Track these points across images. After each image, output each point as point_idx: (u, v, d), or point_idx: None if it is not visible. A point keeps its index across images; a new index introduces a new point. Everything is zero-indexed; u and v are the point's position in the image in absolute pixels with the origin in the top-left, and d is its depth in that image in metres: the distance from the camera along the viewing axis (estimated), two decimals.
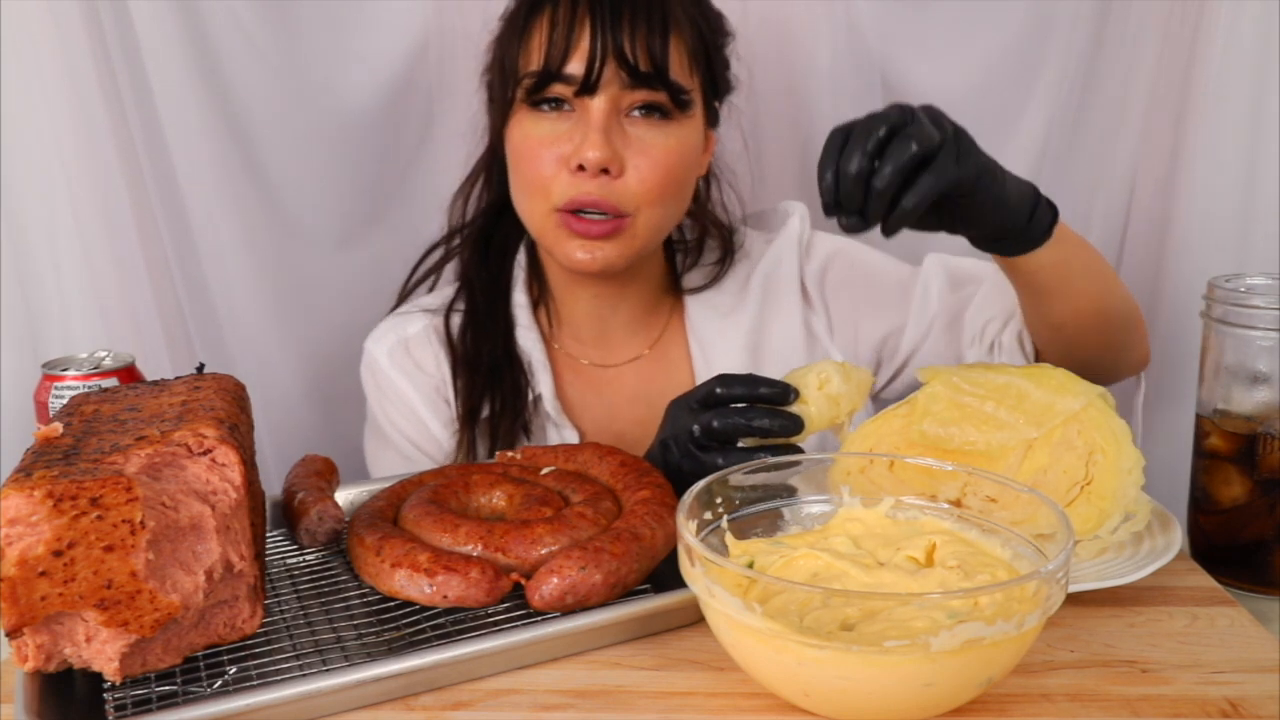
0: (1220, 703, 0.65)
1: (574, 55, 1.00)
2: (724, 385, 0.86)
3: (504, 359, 1.12)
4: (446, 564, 0.71)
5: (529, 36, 1.03)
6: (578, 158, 1.00)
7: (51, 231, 1.27)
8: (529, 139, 1.03)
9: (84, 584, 0.61)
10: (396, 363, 1.14)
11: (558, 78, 1.00)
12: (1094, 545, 0.79)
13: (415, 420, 1.14)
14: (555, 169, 1.02)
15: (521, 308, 1.15)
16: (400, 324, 1.16)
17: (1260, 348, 0.84)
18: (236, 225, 1.35)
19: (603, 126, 1.00)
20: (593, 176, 1.00)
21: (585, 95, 1.01)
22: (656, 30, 1.01)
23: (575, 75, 1.00)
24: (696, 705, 0.66)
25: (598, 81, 1.00)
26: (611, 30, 0.99)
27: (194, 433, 0.67)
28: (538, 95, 1.02)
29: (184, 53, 1.28)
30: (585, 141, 1.00)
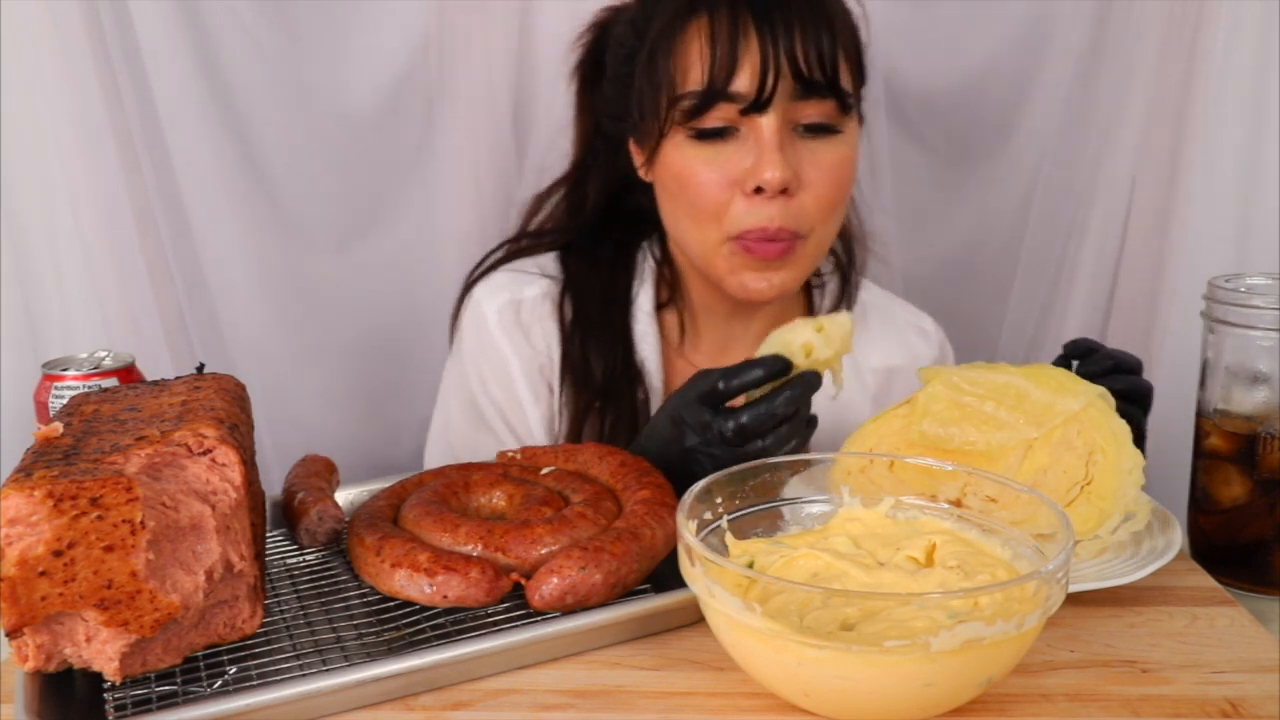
0: (1220, 703, 0.65)
1: (741, 71, 0.92)
2: (725, 380, 0.83)
3: (621, 372, 1.06)
4: (446, 564, 0.71)
5: (682, 50, 0.95)
6: (755, 180, 0.93)
7: (52, 232, 1.27)
8: (692, 164, 0.96)
9: (84, 584, 0.61)
10: (504, 325, 1.07)
11: (723, 96, 0.93)
12: (1094, 545, 0.79)
13: (511, 395, 1.08)
14: (728, 194, 0.95)
15: (644, 312, 1.09)
16: (517, 283, 1.09)
17: (1260, 348, 0.84)
18: (237, 225, 1.35)
19: (779, 145, 0.93)
20: (771, 199, 0.94)
21: (755, 113, 0.94)
22: (824, 34, 0.93)
23: (744, 93, 0.93)
24: (696, 705, 0.66)
25: (771, 98, 0.92)
26: (782, 39, 0.91)
27: (194, 433, 0.67)
28: (700, 119, 0.95)
29: (184, 53, 1.28)
30: (761, 162, 0.93)
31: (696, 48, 0.94)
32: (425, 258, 1.43)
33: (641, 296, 1.09)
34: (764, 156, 0.93)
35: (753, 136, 0.95)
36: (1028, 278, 1.49)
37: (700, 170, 0.96)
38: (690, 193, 0.97)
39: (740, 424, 0.82)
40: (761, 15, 0.92)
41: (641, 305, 1.09)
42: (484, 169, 1.40)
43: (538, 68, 1.38)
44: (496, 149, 1.40)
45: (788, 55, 0.92)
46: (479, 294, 1.10)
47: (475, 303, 1.09)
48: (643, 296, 1.09)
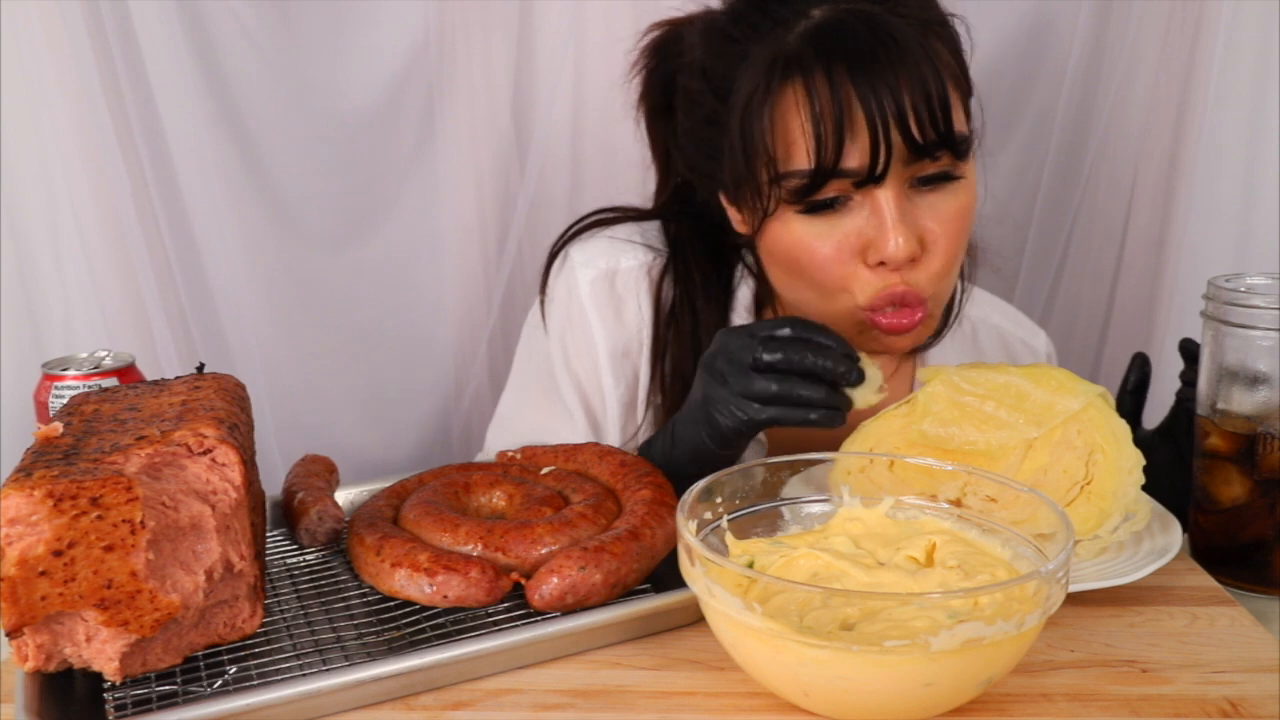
0: (1220, 703, 0.65)
1: (851, 146, 0.84)
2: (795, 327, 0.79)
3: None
4: (446, 564, 0.71)
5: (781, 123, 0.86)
6: (879, 255, 0.86)
7: (52, 231, 1.27)
8: (805, 239, 0.88)
9: (84, 584, 0.61)
10: (597, 296, 1.00)
11: (834, 174, 0.85)
12: (1094, 545, 0.79)
13: (593, 372, 1.02)
14: (850, 266, 0.88)
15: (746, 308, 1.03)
16: (614, 251, 1.02)
17: (1260, 348, 0.84)
18: (237, 224, 1.35)
19: (899, 217, 0.85)
20: (895, 270, 0.87)
21: (870, 185, 0.86)
22: (930, 78, 0.83)
23: (855, 169, 0.84)
24: (696, 705, 0.66)
25: (885, 172, 0.84)
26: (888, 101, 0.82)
27: (194, 432, 0.67)
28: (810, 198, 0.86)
29: (185, 52, 1.28)
30: (883, 236, 0.86)
31: (797, 122, 0.85)
32: (425, 257, 1.43)
33: (742, 290, 1.03)
34: (885, 231, 0.86)
35: (869, 205, 0.87)
36: (1029, 277, 1.49)
37: (816, 246, 0.88)
38: (809, 270, 0.90)
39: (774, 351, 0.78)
40: (860, 74, 0.83)
41: (741, 299, 1.03)
42: (484, 168, 1.40)
43: (538, 67, 1.38)
44: (496, 148, 1.40)
45: (898, 121, 0.83)
46: (575, 258, 1.02)
47: (570, 268, 1.02)
48: (743, 290, 1.03)
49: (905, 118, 0.83)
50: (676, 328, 1.01)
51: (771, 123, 0.86)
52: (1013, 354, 1.12)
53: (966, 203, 0.90)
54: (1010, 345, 1.12)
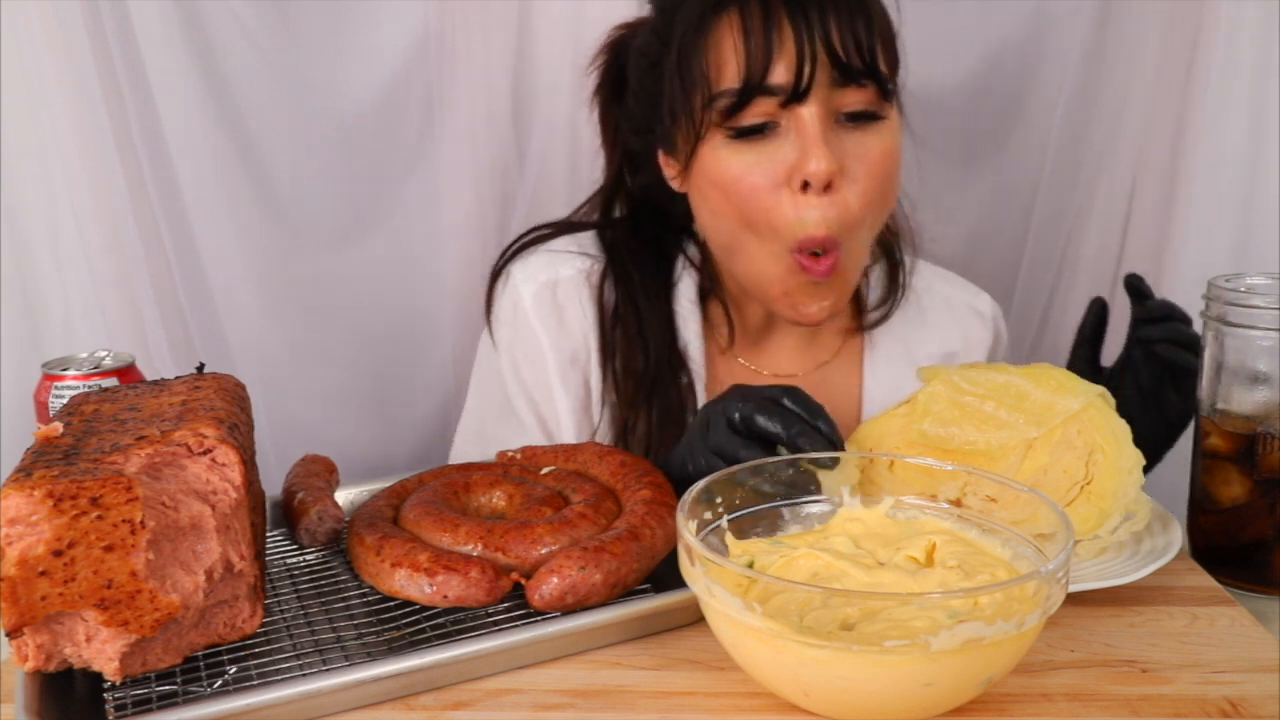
0: (1220, 703, 0.65)
1: (778, 62, 0.89)
2: (791, 398, 0.80)
3: (666, 366, 1.03)
4: (446, 564, 0.71)
5: (713, 48, 0.92)
6: (801, 174, 0.90)
7: (52, 231, 1.27)
8: (734, 167, 0.92)
9: (84, 584, 0.61)
10: (540, 308, 1.04)
11: (761, 90, 0.89)
12: (1094, 545, 0.79)
13: (543, 383, 1.05)
14: (774, 193, 0.91)
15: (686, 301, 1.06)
16: (553, 263, 1.05)
17: (1260, 348, 0.84)
18: (236, 224, 1.35)
19: (822, 136, 0.89)
20: (818, 194, 0.90)
21: (795, 104, 0.90)
22: (859, 18, 0.90)
23: (782, 85, 0.89)
24: (696, 705, 0.66)
25: (809, 87, 0.89)
26: (817, 26, 0.88)
27: (194, 432, 0.67)
28: (739, 117, 0.91)
29: (184, 52, 1.28)
30: (807, 154, 0.89)
31: (730, 43, 0.91)
32: (425, 257, 1.43)
33: (684, 283, 1.06)
34: (809, 149, 0.89)
35: (795, 129, 0.91)
36: (1029, 277, 1.49)
37: (744, 173, 0.92)
38: (736, 199, 0.93)
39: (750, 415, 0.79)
40: (794, 4, 0.89)
41: (684, 292, 1.06)
42: (483, 168, 1.40)
43: (537, 66, 1.38)
44: (496, 148, 1.40)
45: (824, 41, 0.88)
46: (516, 275, 1.06)
47: (512, 285, 1.05)
48: (685, 283, 1.06)
49: (831, 38, 0.88)
50: (622, 328, 1.03)
51: (706, 48, 0.92)
52: (959, 319, 1.14)
53: (890, 146, 0.94)
54: (956, 310, 1.15)
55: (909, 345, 1.11)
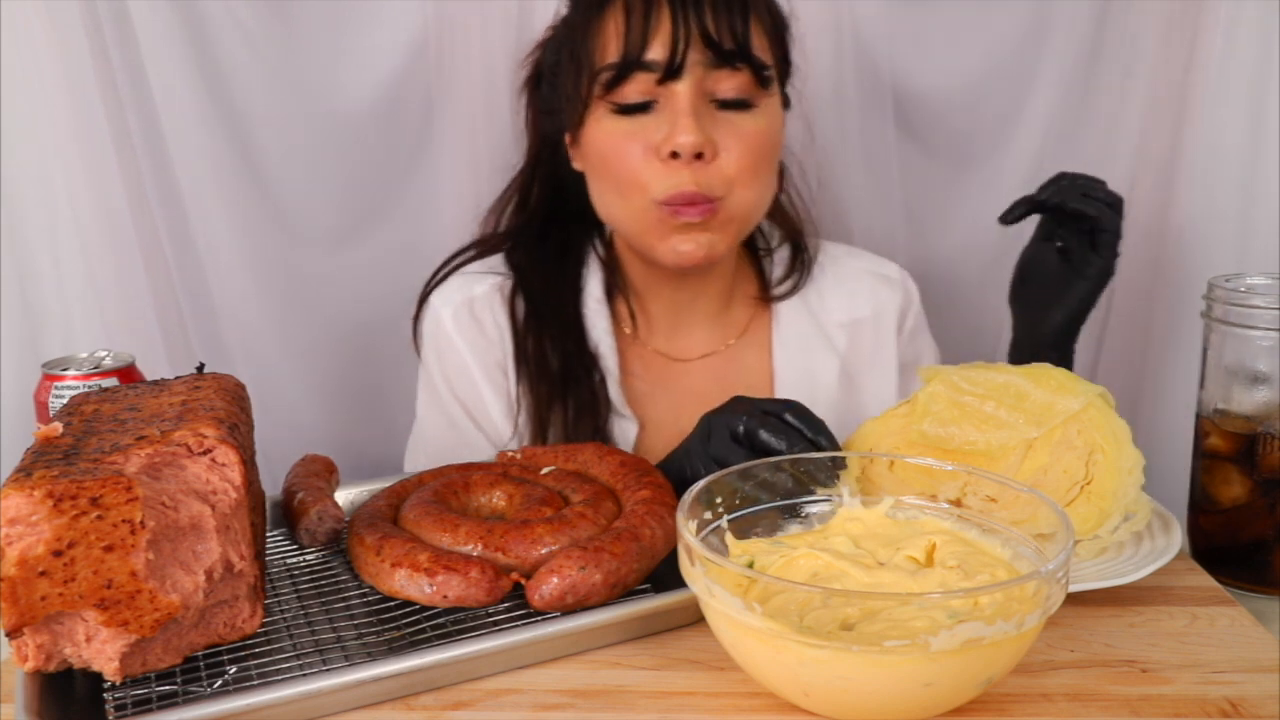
0: (1220, 703, 0.65)
1: (655, 40, 0.97)
2: (794, 413, 0.83)
3: (577, 359, 1.09)
4: (446, 564, 0.71)
5: (602, 27, 1.00)
6: (670, 145, 0.97)
7: (51, 231, 1.27)
8: (612, 136, 1.00)
9: (84, 584, 0.61)
10: (460, 325, 1.11)
11: (639, 65, 0.97)
12: (1094, 545, 0.79)
13: (473, 393, 1.11)
14: (647, 161, 0.99)
15: (595, 299, 1.12)
16: (468, 283, 1.13)
17: (1260, 348, 0.84)
18: (236, 225, 1.35)
19: (691, 110, 0.97)
20: (686, 164, 0.98)
21: (670, 81, 0.98)
22: (736, 8, 0.98)
23: (658, 61, 0.97)
24: (696, 705, 0.66)
25: (682, 64, 0.96)
26: (695, 11, 0.96)
27: (194, 432, 0.67)
28: (619, 90, 0.99)
29: (183, 52, 1.28)
30: (676, 127, 0.97)
31: (614, 26, 0.99)
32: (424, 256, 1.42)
33: (591, 284, 1.13)
34: (678, 123, 0.97)
35: (669, 106, 0.98)
36: None
37: (621, 142, 1.00)
38: (613, 165, 1.01)
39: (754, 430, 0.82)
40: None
41: (591, 292, 1.12)
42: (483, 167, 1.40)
43: None
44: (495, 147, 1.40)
45: (698, 24, 0.96)
46: (434, 301, 1.14)
47: (431, 310, 1.13)
48: (592, 284, 1.13)
49: (704, 19, 0.96)
50: (532, 336, 1.10)
51: (595, 32, 1.00)
52: (865, 285, 1.19)
53: (765, 129, 1.01)
54: (861, 278, 1.19)
55: (815, 314, 1.16)
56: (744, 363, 1.15)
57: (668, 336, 1.15)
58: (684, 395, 1.13)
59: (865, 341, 1.17)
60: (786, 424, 0.82)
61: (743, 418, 0.83)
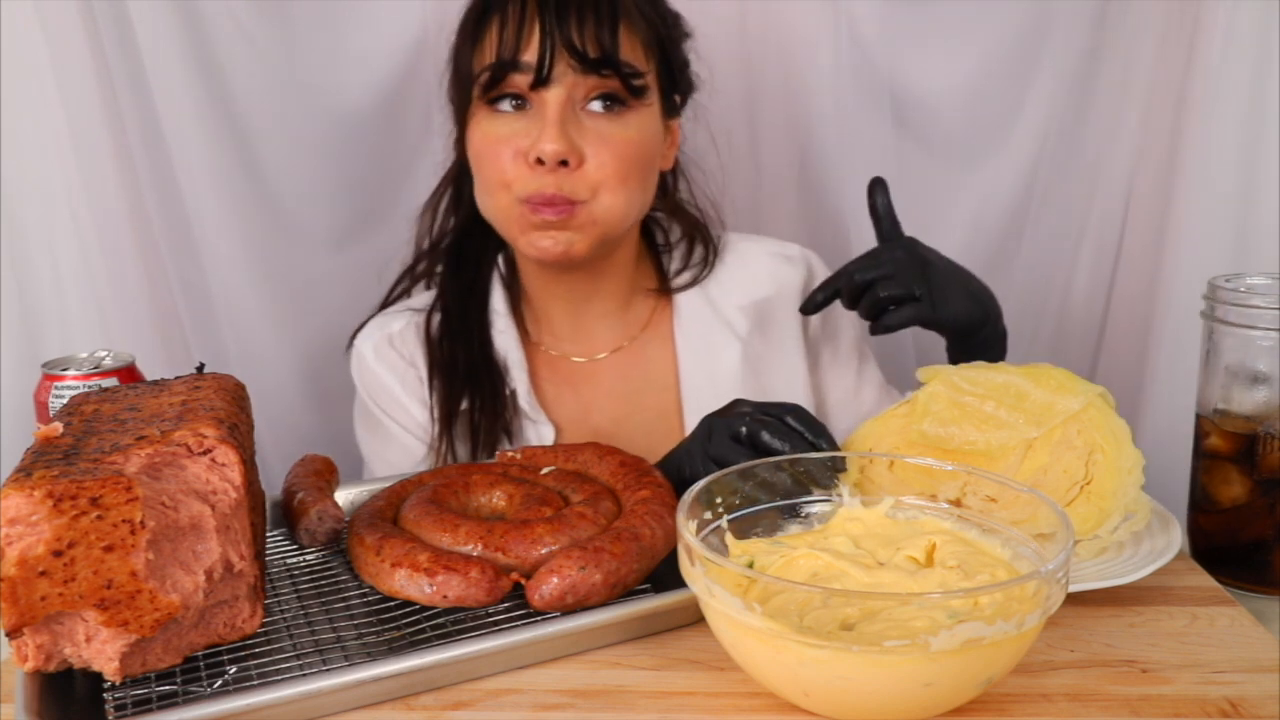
0: (1220, 703, 0.65)
1: (526, 47, 1.00)
2: (795, 417, 0.84)
3: (481, 363, 1.13)
4: (446, 564, 0.71)
5: (482, 38, 1.04)
6: (535, 151, 1.00)
7: (51, 232, 1.27)
8: (487, 137, 1.04)
9: (84, 584, 0.61)
10: (381, 357, 1.15)
11: (511, 66, 1.01)
12: (1094, 545, 0.79)
13: (402, 410, 1.15)
14: (515, 164, 1.02)
15: (499, 313, 1.16)
16: (385, 321, 1.18)
17: (1260, 348, 0.84)
18: (235, 225, 1.35)
19: (558, 119, 1.00)
20: (550, 170, 1.00)
21: (540, 88, 1.00)
22: (605, 19, 1.01)
23: (529, 63, 1.00)
24: (696, 705, 0.66)
25: (550, 72, 1.00)
26: (560, 21, 1.00)
27: (194, 432, 0.67)
28: (494, 91, 1.02)
29: (182, 52, 1.28)
30: (542, 135, 1.00)
31: (492, 35, 1.03)
32: None
33: (495, 298, 1.17)
34: (545, 131, 1.00)
35: (539, 112, 1.01)
36: (1026, 276, 1.49)
37: (493, 144, 1.03)
38: (484, 165, 1.04)
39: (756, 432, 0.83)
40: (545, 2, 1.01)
41: (495, 306, 1.16)
42: None
43: None
44: None
45: (563, 34, 1.00)
46: (358, 344, 1.18)
47: (356, 351, 1.18)
48: (495, 297, 1.17)
49: (570, 31, 0.99)
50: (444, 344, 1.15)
51: (476, 41, 1.04)
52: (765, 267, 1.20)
53: (634, 137, 1.04)
54: (760, 259, 1.21)
55: (713, 302, 1.17)
56: (648, 356, 1.17)
57: (571, 338, 1.17)
58: (592, 393, 1.16)
59: (768, 322, 1.18)
60: (788, 427, 0.83)
61: (745, 419, 0.84)
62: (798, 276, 1.19)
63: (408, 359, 1.16)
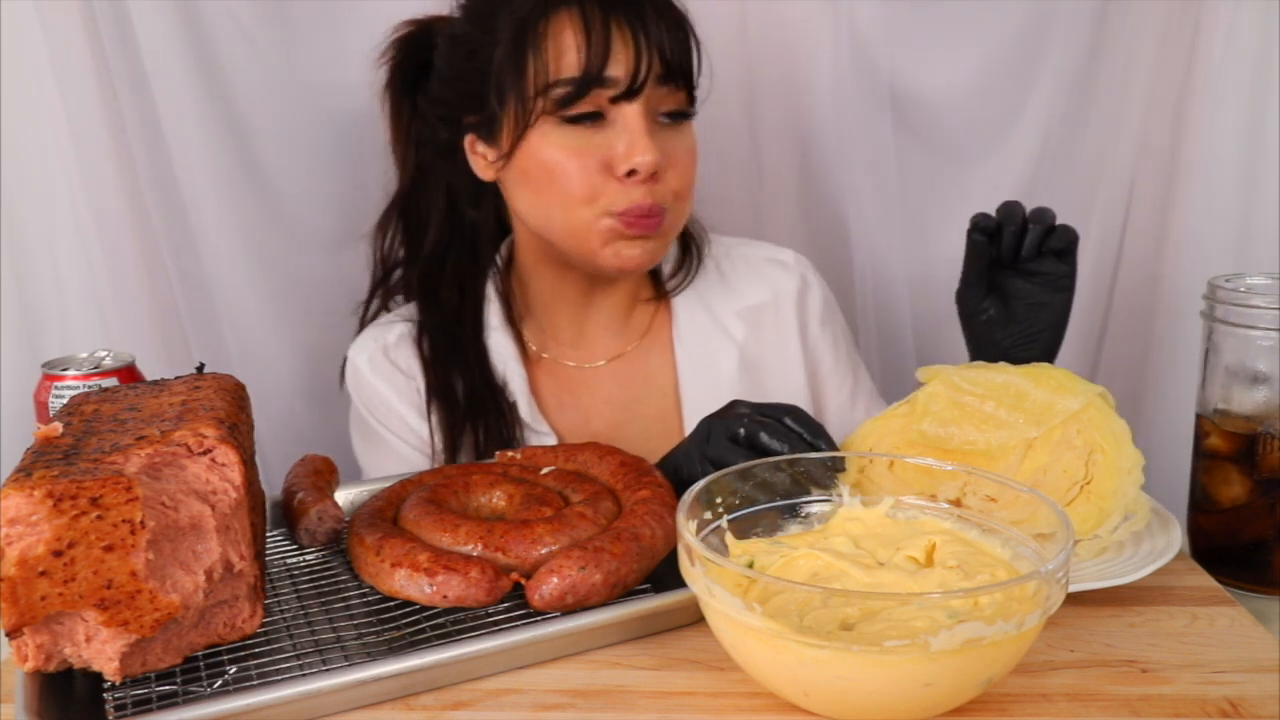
0: (1220, 703, 0.65)
1: (616, 57, 0.97)
2: (793, 417, 0.84)
3: (483, 389, 1.11)
4: (446, 564, 0.71)
5: (554, 37, 0.99)
6: (628, 164, 0.98)
7: (50, 231, 1.27)
8: (563, 151, 1.00)
9: (84, 584, 0.61)
10: (377, 369, 1.14)
11: (597, 82, 0.97)
12: (1094, 545, 0.79)
13: (400, 421, 1.14)
14: (601, 178, 1.00)
15: (494, 327, 1.14)
16: (380, 332, 1.17)
17: (1260, 348, 0.84)
18: (235, 225, 1.35)
19: (647, 130, 0.99)
20: (642, 182, 0.99)
21: (624, 100, 0.99)
22: (680, 26, 1.01)
23: (617, 78, 0.98)
24: (696, 705, 0.66)
25: (644, 83, 0.98)
26: (651, 28, 0.98)
27: (194, 432, 0.67)
28: (574, 108, 0.99)
29: (182, 52, 1.28)
30: (634, 147, 0.98)
31: (569, 36, 0.98)
32: None
33: (490, 314, 1.15)
34: (637, 142, 0.98)
35: (620, 122, 1.00)
36: None
37: (570, 157, 1.00)
38: (561, 180, 1.01)
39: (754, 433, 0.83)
40: (627, 6, 0.98)
41: (491, 322, 1.15)
42: None
43: None
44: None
45: (656, 44, 0.98)
46: (350, 355, 1.17)
47: (350, 362, 1.17)
48: (491, 313, 1.15)
49: (663, 41, 0.99)
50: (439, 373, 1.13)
51: (544, 38, 0.99)
52: (761, 273, 1.20)
53: (692, 146, 1.06)
54: (755, 264, 1.21)
55: (711, 307, 1.18)
56: (648, 363, 1.17)
57: (573, 346, 1.17)
58: (592, 401, 1.16)
59: (765, 327, 1.18)
60: (786, 427, 0.83)
61: (743, 420, 0.84)
62: (793, 284, 1.20)
63: (405, 371, 1.14)
